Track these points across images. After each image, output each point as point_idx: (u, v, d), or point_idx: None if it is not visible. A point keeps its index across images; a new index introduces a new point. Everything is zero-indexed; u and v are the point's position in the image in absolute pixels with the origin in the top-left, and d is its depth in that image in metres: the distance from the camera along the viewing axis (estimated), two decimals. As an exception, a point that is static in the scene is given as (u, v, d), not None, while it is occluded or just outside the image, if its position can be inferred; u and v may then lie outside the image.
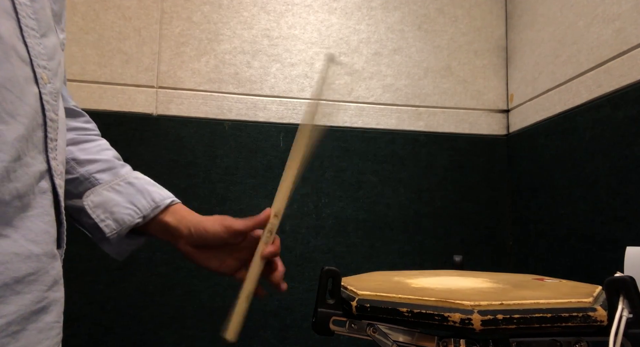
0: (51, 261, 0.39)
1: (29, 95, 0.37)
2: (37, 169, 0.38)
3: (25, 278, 0.36)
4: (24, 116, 0.36)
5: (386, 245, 1.16)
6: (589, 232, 0.91)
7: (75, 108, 0.57)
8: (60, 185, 0.41)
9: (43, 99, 0.39)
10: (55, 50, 0.42)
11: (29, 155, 0.37)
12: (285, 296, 1.11)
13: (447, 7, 1.27)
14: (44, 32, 0.40)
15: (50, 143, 0.40)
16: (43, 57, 0.40)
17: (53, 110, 0.40)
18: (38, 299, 0.37)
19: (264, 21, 1.19)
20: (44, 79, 0.39)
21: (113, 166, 0.56)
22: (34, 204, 0.37)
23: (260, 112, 1.16)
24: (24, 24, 0.38)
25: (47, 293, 0.38)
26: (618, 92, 0.85)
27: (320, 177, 1.16)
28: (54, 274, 0.39)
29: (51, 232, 0.39)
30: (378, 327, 0.51)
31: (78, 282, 1.04)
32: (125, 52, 1.13)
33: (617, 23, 0.86)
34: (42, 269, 0.37)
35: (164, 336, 1.06)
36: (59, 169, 0.41)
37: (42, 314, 0.37)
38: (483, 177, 1.22)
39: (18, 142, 0.35)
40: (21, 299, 0.35)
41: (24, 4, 0.38)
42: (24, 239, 0.36)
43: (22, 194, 0.36)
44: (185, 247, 0.57)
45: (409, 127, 1.21)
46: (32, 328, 0.36)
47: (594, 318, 0.45)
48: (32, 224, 0.37)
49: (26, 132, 0.36)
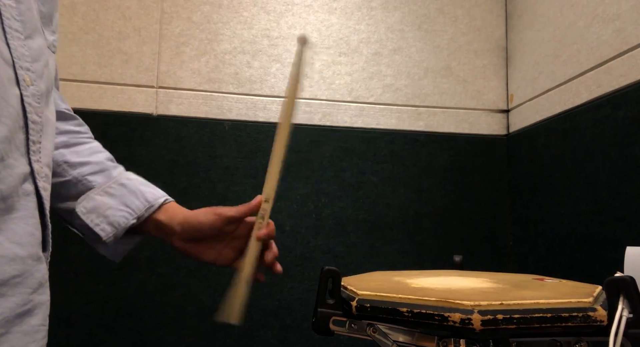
0: (36, 264, 0.38)
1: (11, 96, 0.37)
2: (21, 171, 0.37)
3: (10, 280, 0.35)
4: (7, 117, 0.36)
5: (386, 245, 1.16)
6: (589, 232, 0.91)
7: (67, 111, 0.57)
8: (45, 188, 0.41)
9: (25, 101, 0.39)
10: (41, 52, 0.42)
11: (12, 157, 0.37)
12: (285, 296, 1.11)
13: (447, 7, 1.27)
14: (29, 34, 0.40)
15: (32, 145, 0.39)
16: (26, 59, 0.39)
17: (36, 112, 0.40)
18: (23, 302, 0.36)
19: (264, 21, 1.19)
20: (27, 80, 0.39)
21: (105, 168, 0.56)
22: (18, 207, 0.37)
23: (260, 112, 1.16)
24: (7, 25, 0.37)
25: (32, 296, 0.38)
26: (618, 92, 0.85)
27: (320, 177, 1.16)
28: (39, 276, 0.39)
29: (36, 235, 0.39)
30: (378, 327, 0.51)
31: (78, 282, 1.04)
32: (125, 52, 1.13)
33: (617, 23, 0.86)
34: (27, 272, 0.37)
35: (164, 336, 1.06)
36: (42, 171, 0.41)
37: (27, 317, 0.37)
38: (483, 177, 1.22)
39: (1, 144, 0.35)
40: (6, 302, 0.35)
41: (8, 5, 0.38)
42: (8, 241, 0.36)
43: (5, 196, 0.35)
44: (179, 242, 0.57)
45: (409, 127, 1.21)
46: (16, 331, 0.36)
47: (594, 318, 0.45)
48: (16, 226, 0.36)
49: (9, 134, 0.36)
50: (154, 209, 0.56)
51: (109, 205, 0.54)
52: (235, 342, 1.08)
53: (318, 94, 1.19)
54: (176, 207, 0.58)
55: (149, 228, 0.57)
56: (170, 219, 0.56)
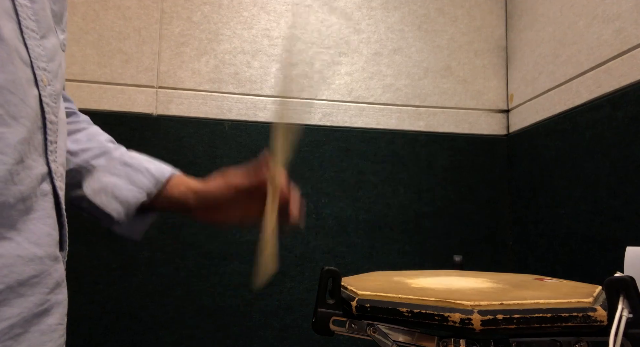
0: (54, 264, 0.39)
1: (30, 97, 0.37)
2: (39, 172, 0.38)
3: (29, 281, 0.36)
4: (26, 119, 0.36)
5: (386, 245, 1.16)
6: (589, 232, 0.91)
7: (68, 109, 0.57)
8: (61, 187, 0.41)
9: (43, 102, 0.39)
10: (56, 52, 0.42)
11: (31, 158, 0.37)
12: (285, 296, 1.11)
13: (447, 7, 1.27)
14: (43, 34, 0.40)
15: (50, 145, 0.40)
16: (43, 59, 0.39)
17: (53, 112, 0.40)
18: (41, 302, 0.37)
19: (264, 21, 1.19)
20: (44, 81, 0.39)
21: (107, 150, 0.56)
22: (36, 207, 0.37)
23: (260, 112, 1.16)
24: (24, 25, 0.37)
25: (50, 295, 0.38)
26: (618, 92, 0.85)
27: (320, 177, 1.16)
28: (56, 276, 0.39)
29: (53, 235, 0.39)
30: (378, 327, 0.51)
31: (78, 282, 1.04)
32: (125, 52, 1.13)
33: (617, 23, 0.86)
34: (45, 272, 0.37)
35: (164, 336, 1.06)
36: (59, 171, 0.41)
37: (45, 316, 0.37)
38: (483, 177, 1.22)
39: (20, 145, 0.35)
40: (24, 302, 0.35)
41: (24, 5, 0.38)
42: (27, 241, 0.36)
43: (25, 197, 0.36)
44: (200, 213, 0.57)
45: (409, 127, 1.21)
46: (34, 330, 0.36)
47: (594, 318, 0.45)
48: (34, 226, 0.37)
49: (28, 135, 0.36)
50: (161, 185, 0.56)
51: (116, 184, 0.54)
52: (235, 342, 1.08)
53: (318, 94, 1.19)
54: (186, 181, 0.58)
55: (162, 204, 0.57)
56: (183, 194, 0.57)
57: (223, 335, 1.08)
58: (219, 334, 1.08)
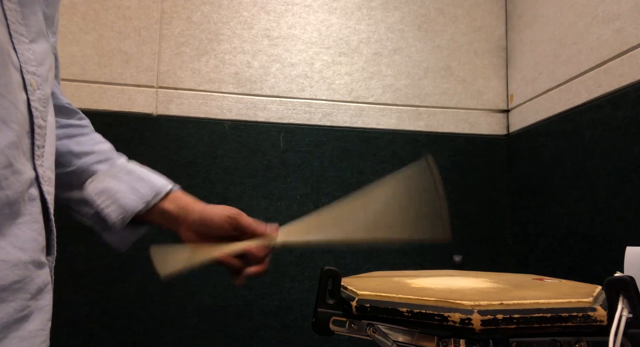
0: (37, 269, 0.38)
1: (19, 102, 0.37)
2: (27, 177, 0.37)
3: (11, 286, 0.35)
4: (16, 123, 0.36)
5: (386, 245, 1.16)
6: (589, 232, 0.91)
7: (69, 106, 0.57)
8: (49, 192, 0.41)
9: (32, 106, 0.39)
10: (46, 56, 0.42)
11: (20, 162, 0.36)
12: (285, 296, 1.11)
13: (447, 7, 1.27)
14: (33, 38, 0.40)
15: (37, 150, 0.39)
16: (32, 63, 0.39)
17: (41, 116, 0.40)
18: (21, 308, 0.36)
19: (264, 21, 1.19)
20: (33, 85, 0.39)
21: (110, 157, 0.57)
22: (23, 212, 0.37)
23: (260, 112, 1.16)
24: (13, 29, 0.37)
25: (31, 301, 0.37)
26: (618, 92, 0.85)
27: (320, 177, 1.16)
28: (39, 282, 0.39)
29: (39, 240, 0.39)
30: (378, 327, 0.51)
31: (78, 282, 1.04)
32: (125, 52, 1.13)
33: (617, 23, 0.86)
34: (28, 277, 0.37)
35: (164, 336, 1.06)
36: (46, 175, 0.41)
37: (25, 322, 0.37)
38: (483, 177, 1.22)
39: (9, 149, 0.35)
40: (5, 307, 0.35)
41: (13, 9, 0.37)
42: (12, 246, 0.35)
43: (12, 202, 0.35)
44: (186, 233, 0.57)
45: (409, 127, 1.21)
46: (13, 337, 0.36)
47: (594, 318, 0.45)
48: (20, 231, 0.36)
49: (17, 139, 0.36)
50: (160, 197, 0.56)
51: (118, 189, 0.54)
52: (235, 342, 1.08)
53: (318, 94, 1.19)
54: (186, 197, 0.58)
55: (154, 216, 0.57)
56: (180, 209, 0.57)
57: (223, 335, 1.08)
58: (219, 334, 1.08)
